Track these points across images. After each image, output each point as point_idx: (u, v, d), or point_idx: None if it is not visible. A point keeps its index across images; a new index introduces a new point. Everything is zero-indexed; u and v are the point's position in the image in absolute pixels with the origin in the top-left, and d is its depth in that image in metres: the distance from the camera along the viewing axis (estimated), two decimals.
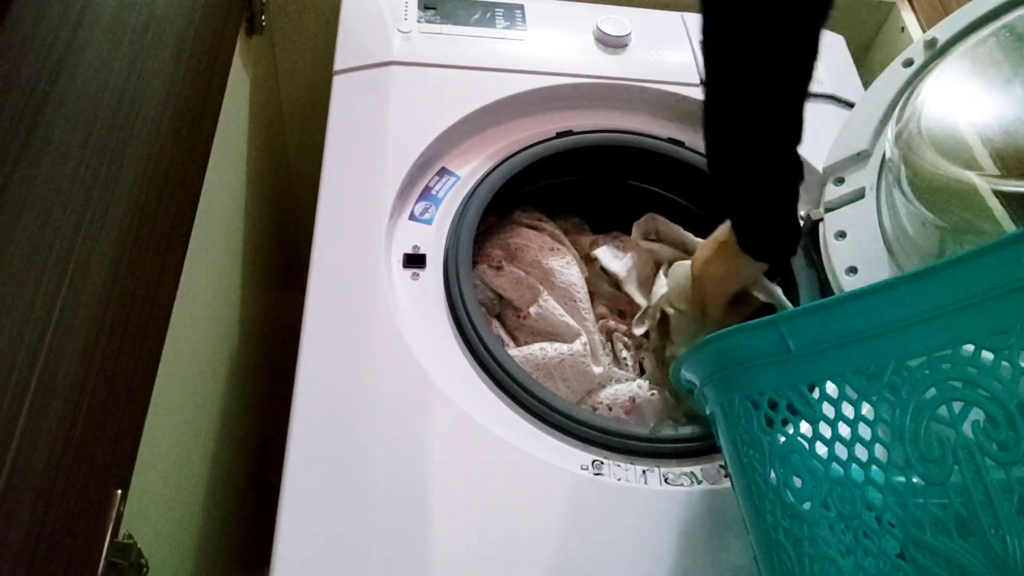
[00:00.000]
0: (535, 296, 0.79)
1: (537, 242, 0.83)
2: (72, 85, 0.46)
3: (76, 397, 0.43)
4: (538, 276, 0.81)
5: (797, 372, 0.38)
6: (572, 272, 0.82)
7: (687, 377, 0.51)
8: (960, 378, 0.31)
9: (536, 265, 0.81)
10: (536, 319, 0.77)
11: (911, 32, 1.01)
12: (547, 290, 0.80)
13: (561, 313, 0.78)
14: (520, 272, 0.81)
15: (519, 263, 0.82)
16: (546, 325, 0.77)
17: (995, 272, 0.30)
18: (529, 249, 0.82)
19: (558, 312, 0.78)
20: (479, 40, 0.89)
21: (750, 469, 0.43)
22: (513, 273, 0.80)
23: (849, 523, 0.36)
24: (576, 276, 0.82)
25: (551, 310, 0.78)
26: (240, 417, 0.96)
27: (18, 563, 0.37)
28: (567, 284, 0.80)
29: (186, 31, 0.63)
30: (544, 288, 0.80)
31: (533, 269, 0.81)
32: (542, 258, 0.81)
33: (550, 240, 0.85)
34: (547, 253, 0.82)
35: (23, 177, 0.41)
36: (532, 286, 0.79)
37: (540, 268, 0.81)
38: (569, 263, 0.83)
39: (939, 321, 0.32)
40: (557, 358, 0.73)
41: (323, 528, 0.55)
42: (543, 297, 0.78)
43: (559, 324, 0.77)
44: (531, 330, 0.78)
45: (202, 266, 0.72)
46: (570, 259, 0.83)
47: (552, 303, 0.78)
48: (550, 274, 0.80)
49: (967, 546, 0.31)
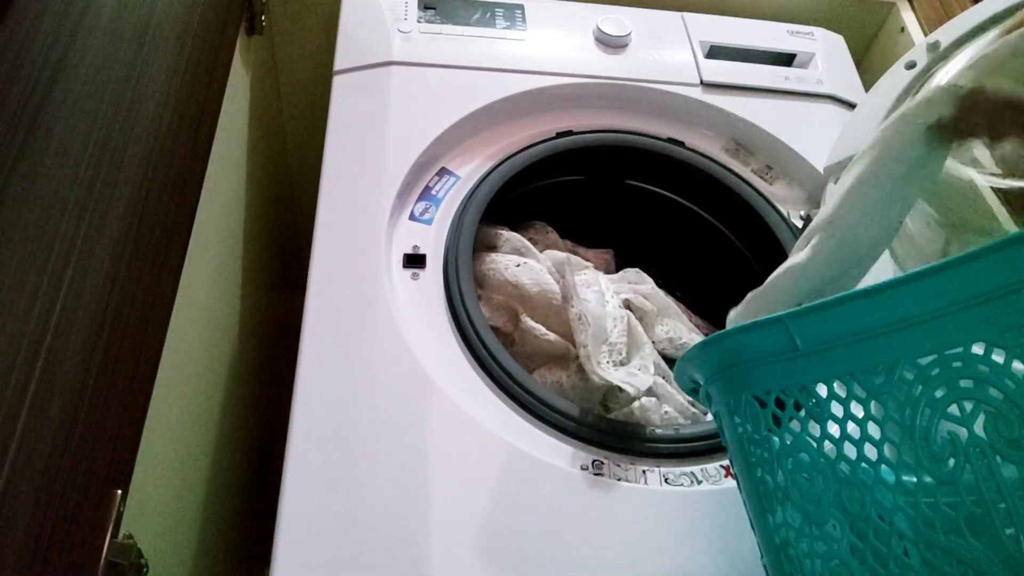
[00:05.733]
0: (517, 317, 0.76)
1: (502, 263, 0.79)
2: (72, 85, 0.46)
3: (76, 397, 0.43)
4: (511, 295, 0.77)
5: (805, 370, 0.38)
6: (542, 279, 0.77)
7: (691, 375, 0.51)
8: (971, 376, 0.31)
9: (504, 285, 0.77)
10: (520, 344, 0.76)
11: (911, 32, 1.01)
12: (522, 306, 0.76)
13: (542, 332, 0.75)
14: (498, 297, 0.77)
15: (490, 289, 0.78)
16: (532, 349, 0.76)
17: (1005, 269, 0.29)
18: (495, 271, 0.78)
19: (539, 332, 0.75)
20: (479, 40, 0.88)
21: (757, 468, 0.43)
22: (491, 300, 0.77)
23: (858, 523, 0.36)
24: (546, 280, 0.77)
25: (531, 330, 0.75)
26: (240, 417, 0.96)
27: (18, 563, 0.37)
28: (540, 291, 0.76)
29: (186, 31, 0.63)
30: (519, 305, 0.76)
31: (504, 289, 0.77)
32: (509, 276, 0.77)
33: (515, 256, 0.80)
34: (514, 271, 0.78)
35: (23, 177, 0.41)
36: (509, 308, 0.77)
37: (509, 286, 0.77)
38: (538, 271, 0.78)
39: (949, 319, 0.31)
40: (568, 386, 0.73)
41: (323, 528, 0.55)
42: (523, 318, 0.76)
43: (543, 344, 0.75)
44: (523, 355, 0.76)
45: (202, 266, 0.72)
46: (534, 265, 0.79)
47: (530, 323, 0.75)
48: (520, 288, 0.76)
49: (979, 545, 0.31)
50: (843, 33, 0.99)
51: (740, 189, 0.84)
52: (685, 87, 0.89)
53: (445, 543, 0.56)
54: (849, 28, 1.03)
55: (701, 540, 0.59)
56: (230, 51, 0.78)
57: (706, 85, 0.89)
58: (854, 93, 0.92)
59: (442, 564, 0.55)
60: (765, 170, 0.86)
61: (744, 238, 0.88)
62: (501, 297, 0.77)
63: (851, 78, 0.94)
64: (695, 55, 0.92)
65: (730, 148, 0.88)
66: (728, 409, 0.46)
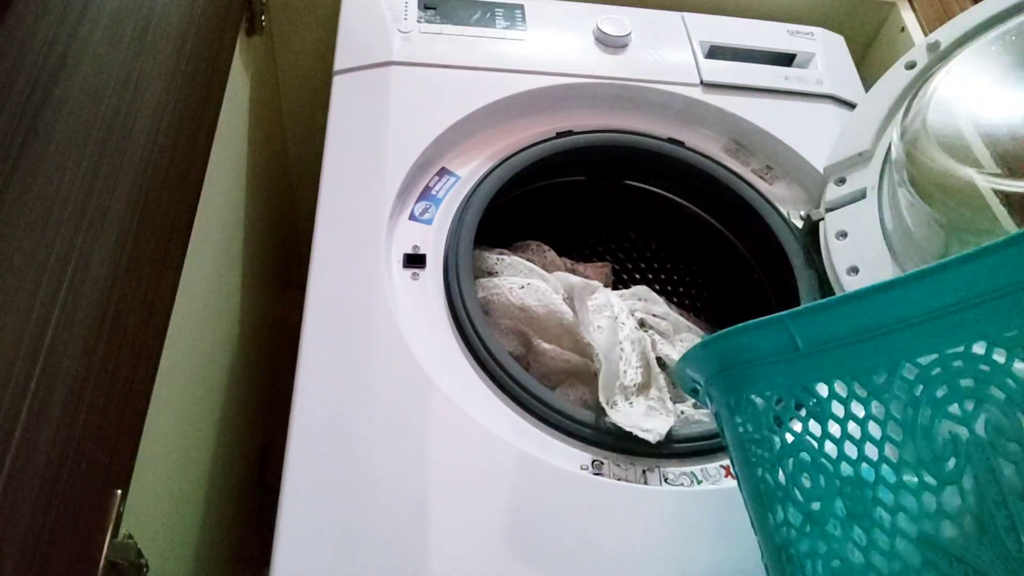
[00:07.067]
0: (528, 340, 0.76)
1: (505, 286, 0.77)
2: (72, 85, 0.46)
3: (76, 397, 0.43)
4: (519, 318, 0.76)
5: (806, 370, 0.38)
6: (548, 299, 0.76)
7: (691, 376, 0.51)
8: (972, 376, 0.31)
9: (511, 309, 0.76)
10: (536, 366, 0.75)
11: (911, 32, 1.01)
12: (531, 329, 0.75)
13: (558, 353, 0.74)
14: (506, 322, 0.76)
15: (496, 314, 0.77)
16: (548, 370, 0.75)
17: (1005, 269, 0.29)
18: (499, 296, 0.77)
19: (554, 353, 0.74)
20: (479, 40, 0.88)
21: (758, 468, 0.43)
22: (499, 325, 0.76)
23: (859, 522, 0.36)
24: (552, 300, 0.76)
25: (545, 353, 0.74)
26: (240, 417, 0.96)
27: (18, 563, 0.37)
28: (548, 312, 0.75)
29: (186, 31, 0.63)
30: (528, 328, 0.75)
31: (510, 313, 0.76)
32: (514, 299, 0.76)
33: (517, 279, 0.79)
34: (519, 293, 0.76)
35: (23, 176, 0.40)
36: (519, 331, 0.76)
37: (516, 309, 0.76)
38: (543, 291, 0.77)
39: (950, 319, 0.31)
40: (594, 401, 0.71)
41: (323, 528, 0.55)
42: (535, 341, 0.75)
43: (559, 364, 0.74)
44: (539, 376, 0.74)
45: (202, 266, 0.72)
46: (538, 285, 0.78)
47: (544, 346, 0.74)
48: (527, 311, 0.75)
49: (980, 545, 0.31)
50: (843, 33, 0.99)
51: (740, 189, 0.84)
52: (685, 87, 0.89)
53: (444, 543, 0.56)
54: (849, 28, 1.03)
55: (701, 540, 0.59)
56: (230, 51, 0.78)
57: (706, 85, 0.89)
58: (854, 93, 0.92)
59: (441, 564, 0.55)
60: (765, 170, 0.86)
61: (744, 238, 0.88)
62: (509, 322, 0.76)
63: (851, 78, 0.94)
64: (695, 55, 0.92)
65: (730, 148, 0.88)
66: (729, 409, 0.46)
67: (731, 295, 0.92)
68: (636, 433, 0.63)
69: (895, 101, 0.76)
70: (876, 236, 0.70)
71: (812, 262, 0.77)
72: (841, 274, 0.71)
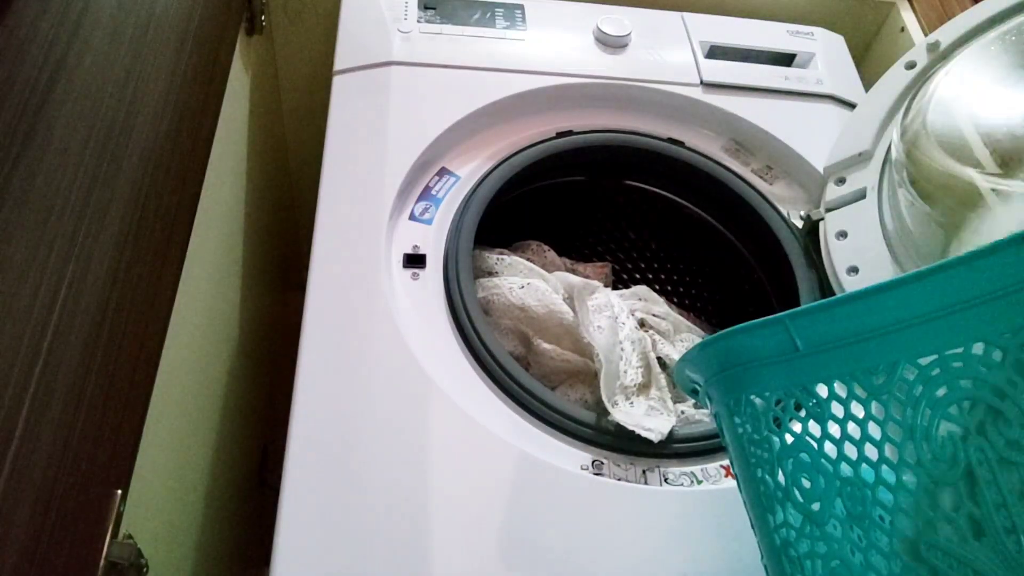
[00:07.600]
0: (528, 340, 0.76)
1: (504, 286, 0.77)
2: (72, 85, 0.46)
3: (76, 397, 0.43)
4: (519, 318, 0.76)
5: (806, 371, 0.38)
6: (548, 299, 0.76)
7: (690, 376, 0.51)
8: (972, 377, 0.31)
9: (511, 308, 0.76)
10: (536, 366, 0.75)
11: (911, 32, 1.01)
12: (531, 329, 0.75)
13: (558, 353, 0.74)
14: (505, 322, 0.76)
15: (496, 314, 0.77)
16: (548, 370, 0.75)
17: (1005, 269, 0.29)
18: (499, 296, 0.77)
19: (554, 353, 0.74)
20: (479, 40, 0.88)
21: (757, 469, 0.43)
22: (499, 325, 0.76)
23: (859, 523, 0.36)
24: (552, 300, 0.76)
25: (545, 353, 0.74)
26: (240, 417, 0.96)
27: (18, 563, 0.37)
28: (548, 312, 0.75)
29: (186, 31, 0.63)
30: (528, 328, 0.75)
31: (510, 313, 0.76)
32: (514, 299, 0.76)
33: (517, 279, 0.79)
34: (519, 293, 0.76)
35: (23, 176, 0.40)
36: (519, 331, 0.76)
37: (516, 309, 0.75)
38: (543, 291, 0.77)
39: (949, 320, 0.31)
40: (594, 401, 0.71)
41: (323, 528, 0.55)
42: (535, 341, 0.75)
43: (560, 364, 0.74)
44: (539, 376, 0.74)
45: (202, 266, 0.72)
46: (538, 285, 0.77)
47: (544, 346, 0.74)
48: (527, 311, 0.75)
49: (980, 546, 0.31)
50: (843, 33, 0.99)
51: (740, 189, 0.84)
52: (685, 87, 0.89)
53: (444, 543, 0.56)
54: (849, 28, 1.03)
55: (701, 540, 0.59)
56: (230, 51, 0.78)
57: (706, 85, 0.89)
58: (854, 93, 0.92)
59: (442, 563, 0.55)
60: (765, 170, 0.86)
61: (744, 238, 0.88)
62: (509, 321, 0.76)
63: (851, 78, 0.94)
64: (695, 55, 0.92)
65: (730, 148, 0.88)
66: (728, 410, 0.46)
67: (731, 295, 0.92)
68: (639, 432, 0.63)
69: (895, 101, 0.76)
70: (876, 236, 0.70)
71: (812, 262, 0.77)
72: (841, 274, 0.71)
